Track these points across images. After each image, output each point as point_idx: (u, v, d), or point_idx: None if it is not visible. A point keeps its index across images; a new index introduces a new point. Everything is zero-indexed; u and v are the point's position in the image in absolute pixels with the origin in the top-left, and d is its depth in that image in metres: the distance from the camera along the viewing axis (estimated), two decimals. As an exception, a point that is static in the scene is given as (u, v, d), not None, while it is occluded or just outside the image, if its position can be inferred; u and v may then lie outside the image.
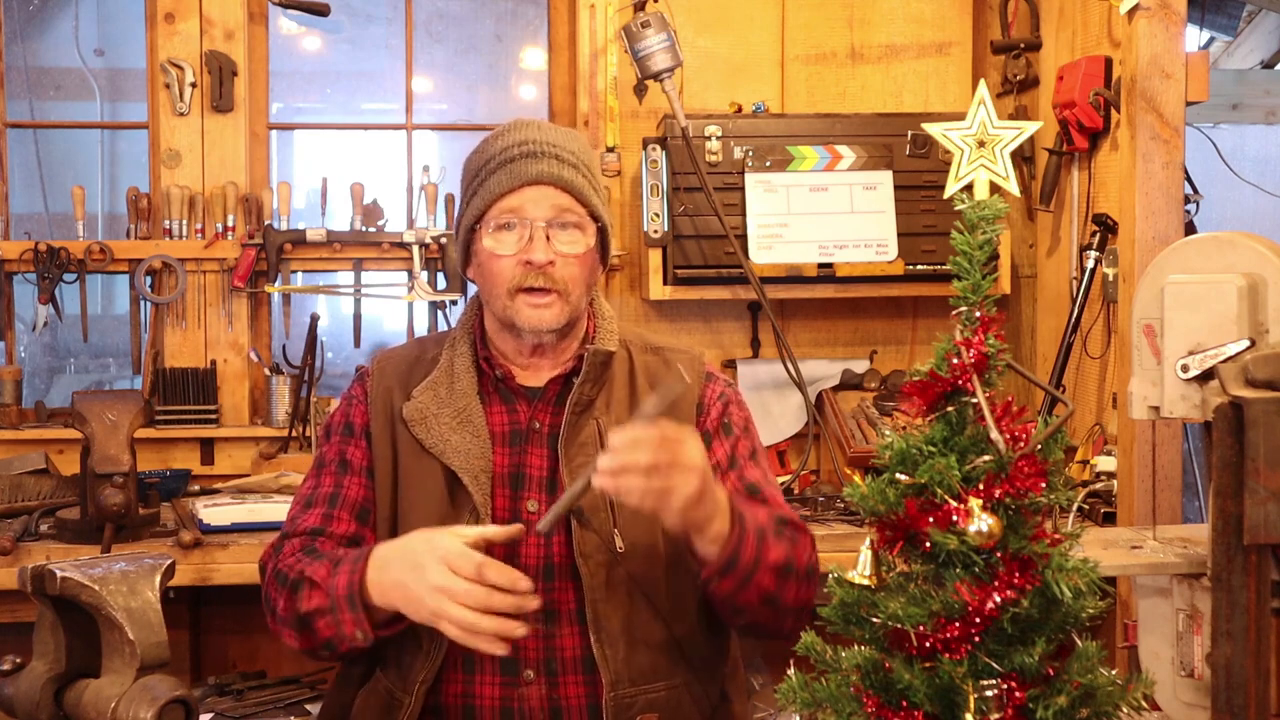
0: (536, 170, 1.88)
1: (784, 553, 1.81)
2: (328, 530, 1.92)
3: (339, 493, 1.95)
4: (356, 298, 3.49)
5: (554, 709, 1.85)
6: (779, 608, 1.82)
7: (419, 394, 1.95)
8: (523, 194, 1.88)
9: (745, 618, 1.85)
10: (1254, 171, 4.58)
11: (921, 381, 1.28)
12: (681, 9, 3.43)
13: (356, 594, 1.75)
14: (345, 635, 1.77)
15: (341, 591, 1.76)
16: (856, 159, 3.30)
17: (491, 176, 1.90)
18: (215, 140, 3.43)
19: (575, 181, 1.90)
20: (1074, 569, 1.23)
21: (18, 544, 2.74)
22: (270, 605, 1.88)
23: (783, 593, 1.81)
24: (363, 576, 1.75)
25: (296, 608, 1.81)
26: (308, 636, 1.82)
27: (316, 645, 1.83)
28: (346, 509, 1.94)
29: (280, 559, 1.89)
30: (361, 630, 1.76)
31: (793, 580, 1.82)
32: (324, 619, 1.78)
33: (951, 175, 1.34)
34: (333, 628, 1.78)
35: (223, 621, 3.38)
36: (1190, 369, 1.54)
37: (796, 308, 3.52)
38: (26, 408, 3.40)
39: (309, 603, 1.80)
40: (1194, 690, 1.60)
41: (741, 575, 1.76)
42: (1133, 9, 2.64)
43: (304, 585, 1.81)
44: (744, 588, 1.78)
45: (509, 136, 1.92)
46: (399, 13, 3.70)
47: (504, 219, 1.89)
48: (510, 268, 1.88)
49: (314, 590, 1.79)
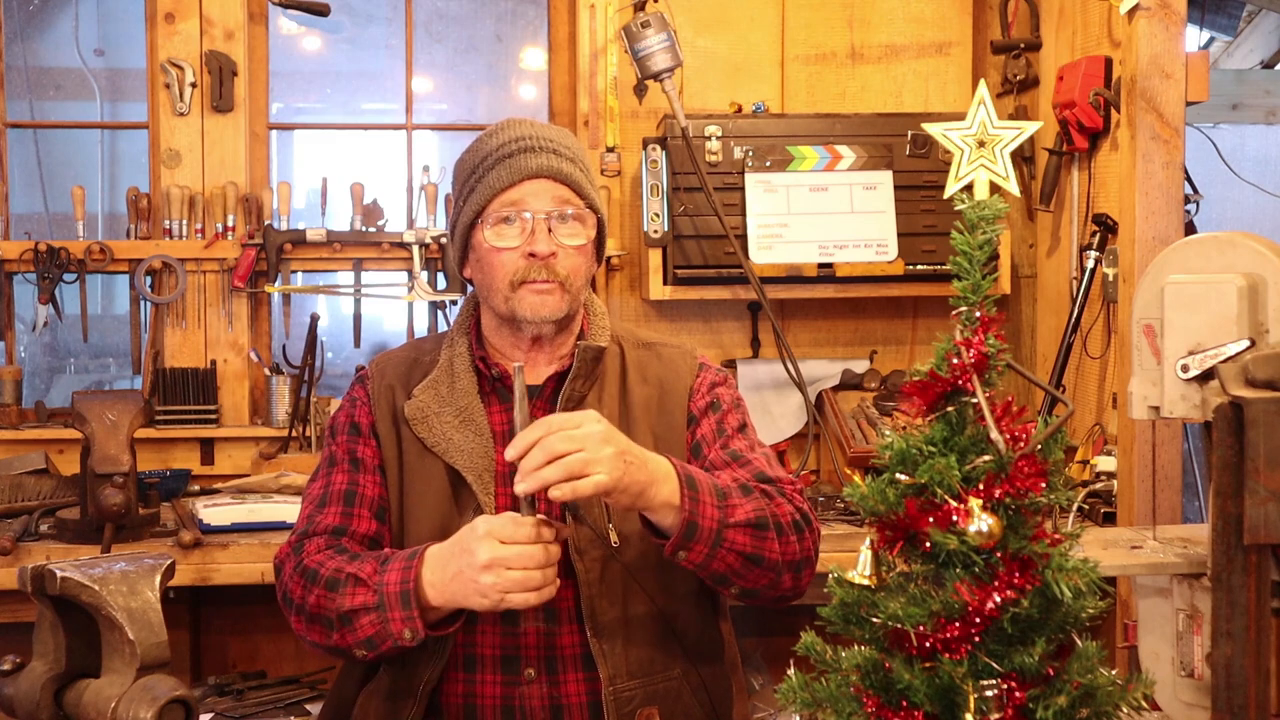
0: (537, 164, 1.89)
1: (754, 509, 1.78)
2: (349, 529, 1.91)
3: (356, 491, 1.94)
4: (356, 298, 3.49)
5: (555, 706, 1.86)
6: (767, 565, 1.78)
7: (419, 393, 1.96)
8: (523, 188, 1.89)
9: (736, 584, 1.80)
10: (1254, 171, 4.58)
11: (921, 381, 1.28)
12: (681, 9, 3.43)
13: (411, 591, 1.73)
14: (391, 634, 1.75)
15: (393, 589, 1.74)
16: (856, 159, 3.31)
17: (490, 172, 1.90)
18: (215, 140, 3.43)
19: (574, 175, 1.91)
20: (1074, 569, 1.23)
21: (18, 544, 2.74)
22: (295, 603, 1.85)
23: (764, 550, 1.77)
24: (418, 575, 1.74)
25: (337, 604, 1.78)
26: (344, 635, 1.79)
27: (351, 644, 1.79)
28: (366, 507, 1.93)
29: (305, 556, 1.86)
30: (411, 629, 1.74)
31: (773, 535, 1.78)
32: (368, 616, 1.76)
33: (951, 175, 1.34)
34: (377, 625, 1.76)
35: (223, 621, 3.39)
36: (1190, 369, 1.54)
37: (796, 308, 3.52)
38: (26, 408, 3.40)
39: (353, 599, 1.77)
40: (1194, 690, 1.60)
41: (708, 538, 1.73)
42: (1133, 9, 2.64)
43: (347, 582, 1.78)
44: (717, 551, 1.74)
45: (504, 134, 1.93)
46: (399, 13, 3.70)
47: (505, 212, 1.89)
48: (513, 260, 1.89)
49: (359, 587, 1.77)
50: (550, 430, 1.65)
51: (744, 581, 1.79)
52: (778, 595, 1.84)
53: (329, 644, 1.83)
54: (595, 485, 1.65)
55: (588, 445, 1.65)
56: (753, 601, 1.86)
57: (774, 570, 1.79)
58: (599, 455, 1.65)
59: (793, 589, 1.84)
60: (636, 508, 1.73)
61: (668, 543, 1.73)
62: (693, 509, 1.72)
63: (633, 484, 1.68)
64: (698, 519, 1.72)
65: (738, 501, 1.77)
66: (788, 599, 1.85)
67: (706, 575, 1.79)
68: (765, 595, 1.83)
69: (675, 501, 1.72)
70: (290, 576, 1.86)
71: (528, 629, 1.87)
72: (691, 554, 1.74)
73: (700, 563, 1.75)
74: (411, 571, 1.75)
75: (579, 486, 1.64)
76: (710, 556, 1.74)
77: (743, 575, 1.78)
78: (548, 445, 1.64)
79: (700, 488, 1.74)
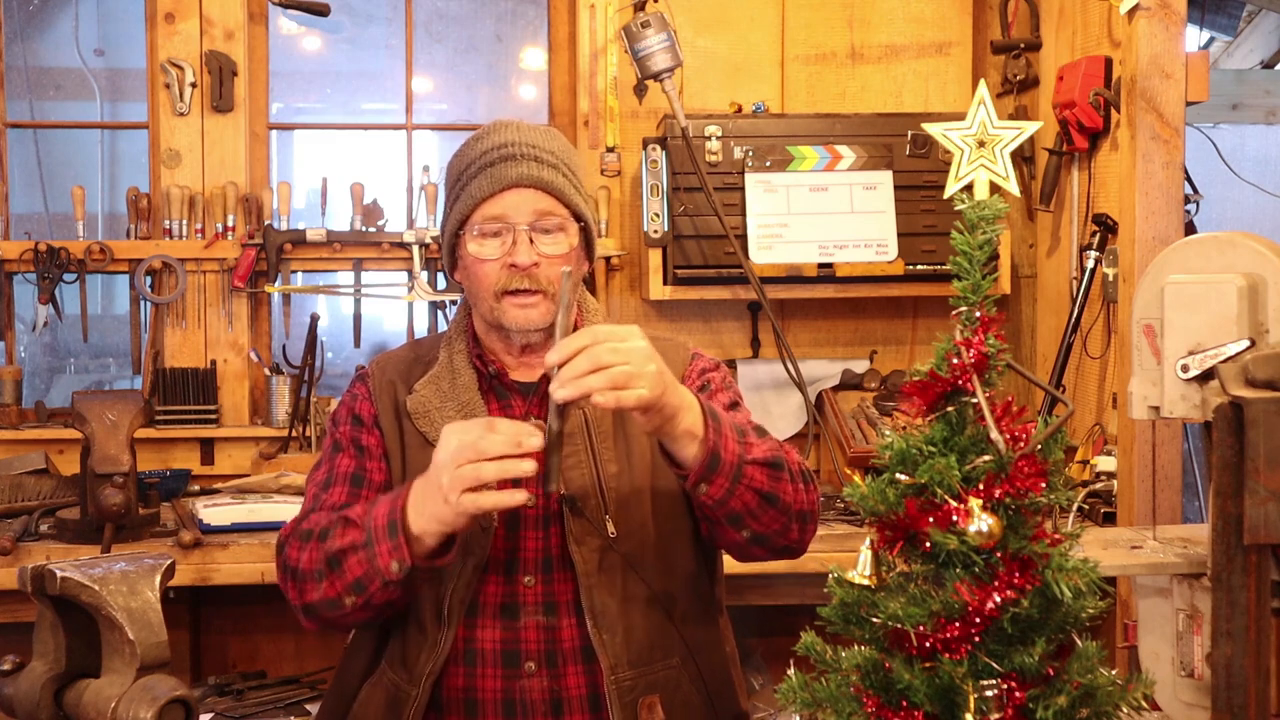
0: (516, 173, 1.89)
1: (769, 449, 1.79)
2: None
3: (363, 475, 1.95)
4: (356, 298, 3.49)
5: (555, 700, 1.86)
6: (781, 508, 1.78)
7: (421, 388, 1.97)
8: (504, 198, 1.89)
9: (750, 525, 1.79)
10: (1254, 171, 4.58)
11: (921, 381, 1.28)
12: (681, 9, 3.43)
13: (398, 521, 1.72)
14: (379, 569, 1.73)
15: (381, 522, 1.74)
16: (856, 159, 3.30)
17: (472, 181, 1.91)
18: (215, 140, 3.43)
19: (555, 182, 1.91)
20: (1074, 569, 1.23)
21: (18, 544, 2.74)
22: (290, 567, 1.84)
23: (779, 490, 1.78)
24: (404, 505, 1.73)
25: (326, 549, 1.78)
26: (333, 582, 1.78)
27: (340, 591, 1.78)
28: (373, 490, 1.93)
29: (305, 522, 1.86)
30: (398, 559, 1.72)
31: (787, 478, 1.79)
32: (356, 555, 1.75)
33: (951, 175, 1.34)
34: (365, 563, 1.75)
35: (223, 621, 3.39)
36: (1190, 369, 1.54)
37: (796, 308, 3.52)
38: (26, 408, 3.41)
39: (342, 539, 1.77)
40: (1194, 690, 1.60)
41: (729, 471, 1.73)
42: (1133, 9, 2.64)
43: (337, 525, 1.79)
44: (736, 486, 1.74)
45: (488, 140, 1.93)
46: (399, 13, 3.70)
47: (487, 225, 1.90)
48: (495, 272, 1.90)
49: (349, 527, 1.78)
50: (597, 339, 1.64)
51: (757, 524, 1.79)
52: (785, 544, 1.84)
53: (319, 599, 1.81)
54: (638, 399, 1.64)
55: (633, 359, 1.64)
56: (760, 551, 1.85)
57: (786, 514, 1.80)
58: (643, 370, 1.64)
59: (798, 540, 1.84)
60: (663, 433, 1.72)
61: (690, 474, 1.73)
62: (716, 440, 1.72)
63: (667, 405, 1.68)
64: (720, 450, 1.72)
65: (754, 440, 1.79)
66: (792, 551, 1.86)
67: (724, 513, 1.77)
68: (774, 542, 1.83)
69: (698, 432, 1.72)
70: (289, 545, 1.86)
71: (527, 623, 1.87)
72: (713, 487, 1.73)
73: (720, 498, 1.74)
74: (399, 501, 1.74)
75: (623, 397, 1.63)
76: (730, 492, 1.74)
77: (758, 515, 1.78)
78: (594, 354, 1.63)
79: (722, 421, 1.75)
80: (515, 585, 1.87)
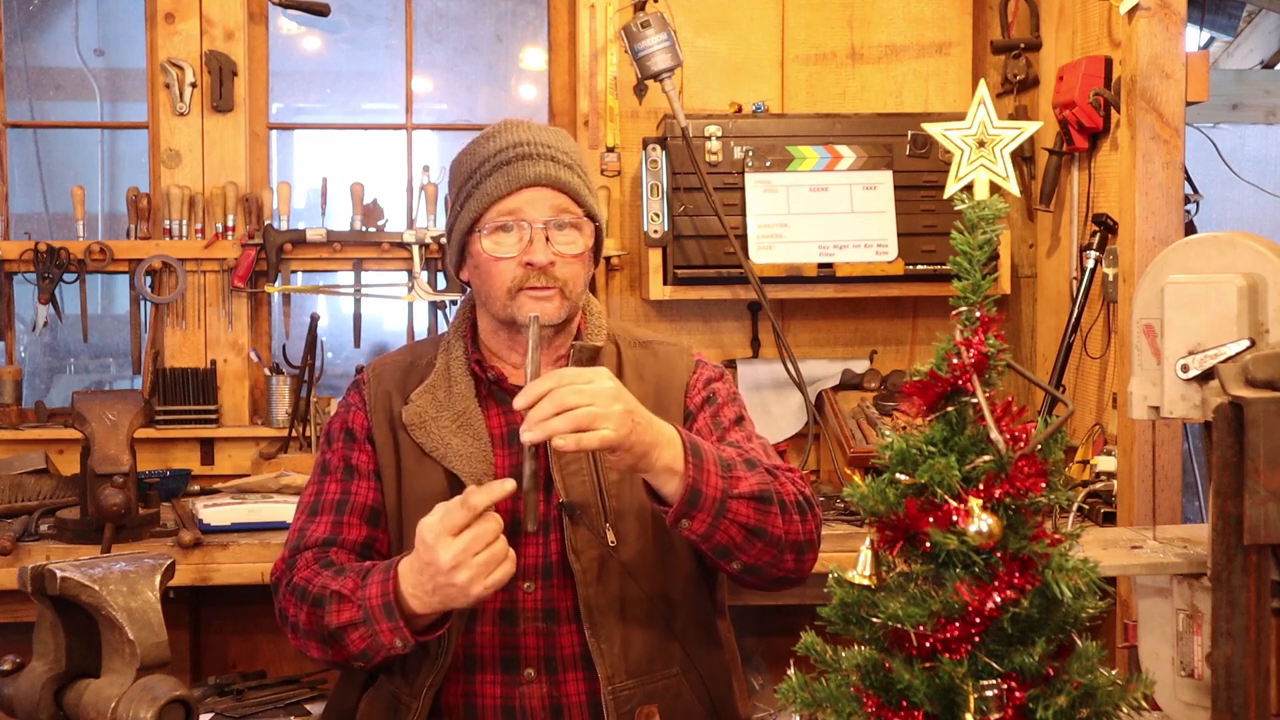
0: (535, 172, 1.88)
1: (759, 482, 1.77)
2: (339, 538, 1.92)
3: (347, 499, 1.95)
4: (356, 298, 3.49)
5: (555, 706, 1.86)
6: (769, 541, 1.77)
7: (416, 397, 1.96)
8: (520, 196, 1.89)
9: (739, 558, 1.78)
10: (1254, 171, 4.58)
11: (921, 381, 1.28)
12: (681, 9, 3.43)
13: (393, 603, 1.73)
14: (383, 645, 1.75)
15: (375, 603, 1.74)
16: (856, 159, 3.31)
17: (487, 179, 1.90)
18: (215, 140, 3.43)
19: (572, 182, 1.91)
20: (1074, 569, 1.23)
21: (18, 544, 2.74)
22: (290, 621, 1.86)
23: (768, 524, 1.76)
24: (397, 586, 1.74)
25: (324, 623, 1.79)
26: (338, 650, 1.80)
27: (349, 657, 1.81)
28: (356, 514, 1.94)
29: (295, 573, 1.87)
30: (401, 638, 1.74)
31: (776, 511, 1.77)
32: (357, 632, 1.77)
33: (951, 175, 1.34)
34: (367, 639, 1.76)
35: (223, 621, 3.39)
36: (1190, 369, 1.54)
37: (796, 308, 3.52)
38: (26, 408, 3.40)
39: (339, 617, 1.78)
40: (1194, 690, 1.60)
41: (711, 507, 1.72)
42: (1133, 9, 2.64)
43: (330, 600, 1.79)
44: (720, 521, 1.73)
45: (501, 138, 1.92)
46: (399, 13, 3.70)
47: (502, 221, 1.89)
48: (511, 269, 1.89)
49: (343, 604, 1.78)
50: (561, 383, 1.66)
51: (746, 556, 1.78)
52: (780, 575, 1.83)
53: (327, 658, 1.84)
54: (601, 440, 1.65)
55: (597, 400, 1.65)
56: (755, 581, 1.84)
57: (776, 546, 1.78)
58: (607, 411, 1.65)
59: (795, 570, 1.83)
60: (639, 469, 1.72)
61: (670, 510, 1.72)
62: (696, 476, 1.71)
63: (638, 443, 1.68)
64: (701, 486, 1.71)
65: (742, 474, 1.77)
66: (790, 581, 1.85)
67: (709, 548, 1.77)
68: (767, 573, 1.82)
69: (678, 467, 1.71)
70: (284, 595, 1.88)
71: (527, 629, 1.87)
72: (694, 523, 1.72)
73: (703, 533, 1.73)
74: (390, 584, 1.74)
75: (584, 440, 1.64)
76: (713, 527, 1.73)
77: (745, 549, 1.77)
78: (558, 397, 1.64)
79: (705, 457, 1.74)
80: (515, 591, 1.87)
